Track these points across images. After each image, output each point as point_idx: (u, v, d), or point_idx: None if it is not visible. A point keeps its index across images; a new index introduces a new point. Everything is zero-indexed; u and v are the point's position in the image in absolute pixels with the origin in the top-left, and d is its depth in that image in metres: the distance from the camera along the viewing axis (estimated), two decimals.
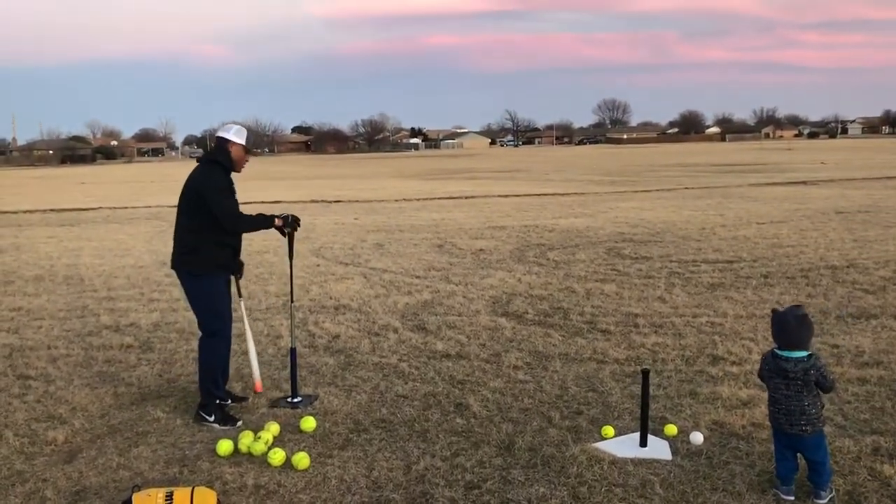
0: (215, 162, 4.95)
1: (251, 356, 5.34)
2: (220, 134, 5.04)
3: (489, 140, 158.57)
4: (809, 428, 3.63)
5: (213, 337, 4.93)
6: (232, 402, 5.06)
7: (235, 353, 5.56)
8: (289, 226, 5.05)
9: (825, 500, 3.64)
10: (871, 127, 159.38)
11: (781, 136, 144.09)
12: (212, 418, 4.79)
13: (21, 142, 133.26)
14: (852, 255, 10.44)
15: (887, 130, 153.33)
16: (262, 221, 5.02)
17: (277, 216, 5.04)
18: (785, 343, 3.69)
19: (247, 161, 5.13)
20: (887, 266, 9.59)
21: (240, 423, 4.79)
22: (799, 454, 3.73)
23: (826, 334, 6.55)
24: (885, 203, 17.84)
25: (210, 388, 4.90)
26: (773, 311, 3.82)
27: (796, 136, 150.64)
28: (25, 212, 21.77)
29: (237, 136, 4.99)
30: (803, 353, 3.65)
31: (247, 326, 5.37)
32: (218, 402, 4.90)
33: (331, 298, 8.45)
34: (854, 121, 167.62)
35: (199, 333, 5.04)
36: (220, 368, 5.02)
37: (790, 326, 3.66)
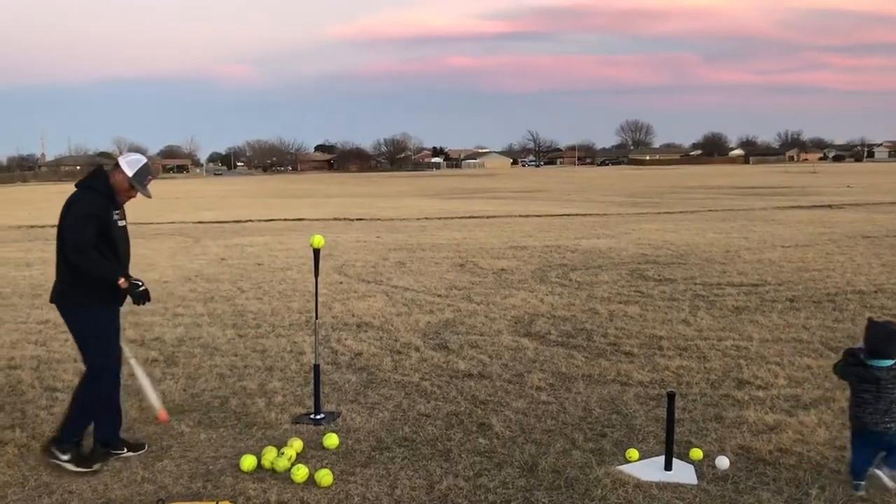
0: (89, 188, 4.46)
1: (144, 385, 4.72)
2: (119, 160, 4.54)
3: (511, 160, 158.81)
4: (894, 425, 3.94)
5: (99, 375, 4.47)
6: (127, 450, 4.58)
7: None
8: (133, 295, 4.47)
9: (888, 476, 3.96)
10: None
11: (806, 159, 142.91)
12: (66, 457, 4.36)
13: (49, 157, 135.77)
14: (880, 280, 10.31)
15: None
16: (107, 270, 4.41)
17: (125, 277, 4.47)
18: (876, 353, 3.98)
19: (131, 196, 4.55)
20: None
21: (96, 466, 4.34)
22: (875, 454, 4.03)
23: None
24: None
25: (78, 426, 4.47)
26: (869, 319, 4.22)
27: (821, 159, 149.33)
28: (52, 226, 22.07)
29: (128, 165, 4.47)
30: (891, 361, 3.96)
31: (128, 353, 4.75)
32: (77, 441, 4.46)
33: (353, 316, 8.47)
34: (881, 144, 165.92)
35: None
36: (102, 410, 4.55)
37: (880, 338, 4.00)
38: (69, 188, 4.62)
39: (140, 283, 4.52)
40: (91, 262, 4.34)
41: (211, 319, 8.40)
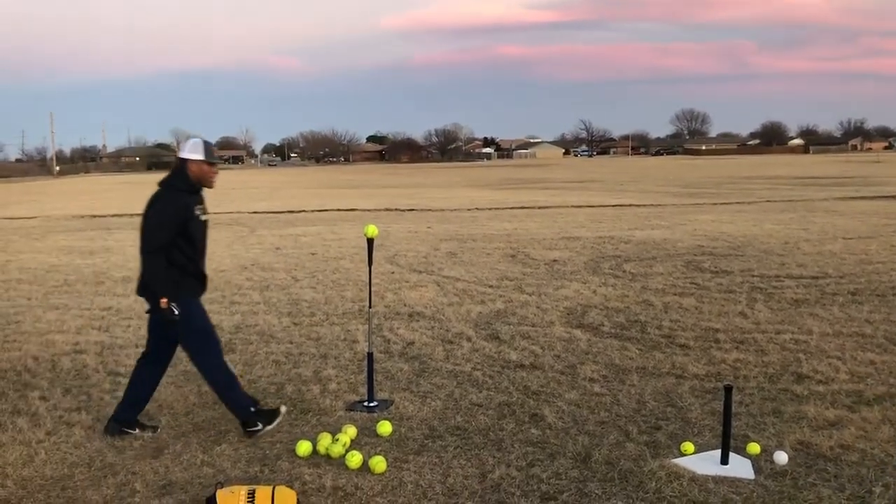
0: (171, 186, 4.59)
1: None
2: (179, 154, 4.66)
3: (563, 150, 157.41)
4: None
5: (203, 354, 4.73)
6: (139, 430, 4.76)
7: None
8: (165, 317, 4.53)
9: None
10: None
11: (870, 149, 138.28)
12: (258, 427, 4.67)
13: (110, 149, 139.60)
14: None
15: None
16: (161, 283, 4.51)
17: (169, 298, 4.50)
18: None
19: (214, 174, 4.67)
20: None
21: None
22: None
23: None
24: None
25: (238, 401, 4.75)
26: None
27: (886, 148, 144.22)
28: (114, 216, 22.73)
29: (192, 152, 4.57)
30: None
31: None
32: (252, 408, 4.75)
33: (405, 305, 8.53)
34: None
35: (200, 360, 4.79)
36: (223, 376, 4.77)
37: None
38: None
39: (176, 313, 4.56)
40: (154, 268, 4.52)
41: (267, 307, 8.55)
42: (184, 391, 5.62)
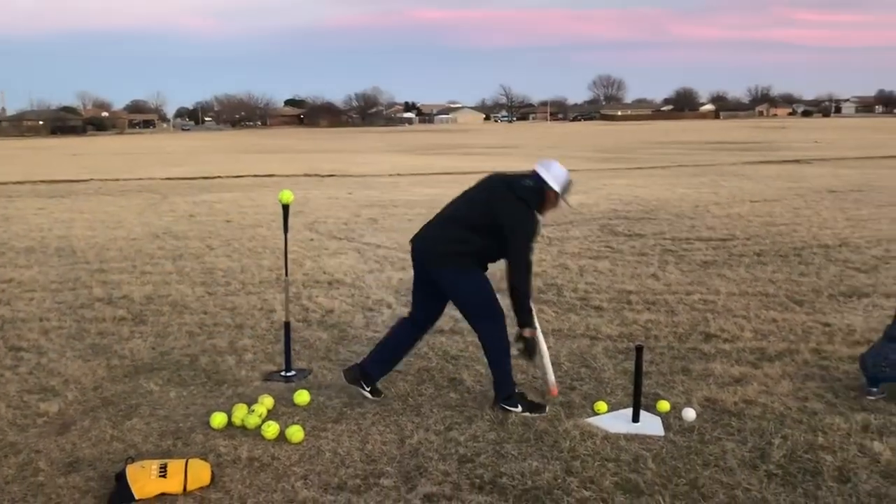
0: (529, 204, 4.41)
1: (543, 357, 4.73)
2: (541, 173, 4.44)
3: (483, 115, 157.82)
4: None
5: (489, 324, 4.58)
6: (371, 394, 4.71)
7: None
8: (527, 347, 4.50)
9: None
10: (866, 106, 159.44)
11: (776, 115, 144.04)
12: (518, 408, 4.46)
13: (10, 112, 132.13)
14: (845, 234, 10.48)
15: (881, 110, 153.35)
16: (524, 308, 4.48)
17: (531, 324, 4.50)
18: None
19: (554, 206, 4.54)
20: (879, 245, 9.63)
21: (547, 407, 4.49)
22: None
23: (818, 312, 6.58)
24: (878, 183, 17.87)
25: (506, 378, 4.55)
26: None
27: (790, 114, 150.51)
28: (15, 182, 21.60)
29: (559, 183, 4.44)
30: None
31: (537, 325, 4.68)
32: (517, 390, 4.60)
33: (324, 273, 8.43)
34: (848, 100, 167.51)
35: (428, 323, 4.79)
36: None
37: None
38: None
39: (531, 339, 4.50)
40: (525, 283, 4.47)
41: (180, 277, 8.31)
42: (92, 365, 5.42)
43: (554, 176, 4.44)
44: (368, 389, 4.71)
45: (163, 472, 3.59)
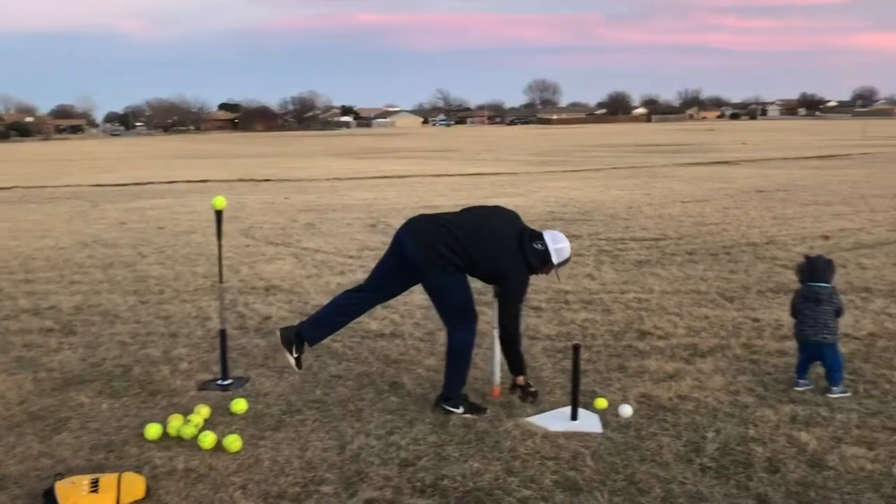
0: (528, 263, 4.57)
1: (495, 357, 4.90)
2: (548, 242, 4.58)
3: (422, 119, 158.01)
4: (830, 337, 4.75)
5: (459, 330, 4.66)
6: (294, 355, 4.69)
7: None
8: (525, 392, 4.67)
9: (837, 395, 4.69)
10: (790, 109, 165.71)
11: (705, 118, 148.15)
12: (459, 410, 4.52)
13: None
14: (772, 232, 10.85)
15: (803, 112, 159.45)
16: (516, 354, 4.70)
17: (524, 375, 4.70)
18: (816, 278, 4.84)
19: (546, 274, 4.76)
20: (804, 242, 10.00)
21: (488, 410, 4.57)
22: (812, 363, 4.85)
23: (747, 308, 6.79)
24: (802, 182, 18.56)
25: (457, 381, 4.63)
26: (806, 256, 5.05)
27: (719, 117, 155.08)
28: None
29: (560, 259, 4.62)
30: (829, 284, 4.85)
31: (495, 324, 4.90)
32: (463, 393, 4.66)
33: (261, 279, 8.31)
34: (773, 103, 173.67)
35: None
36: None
37: (820, 266, 4.88)
38: None
39: (530, 388, 4.70)
40: (516, 327, 4.69)
41: (111, 286, 8.08)
42: (17, 378, 5.21)
43: (557, 250, 4.63)
44: (295, 357, 4.66)
45: (94, 487, 3.48)
